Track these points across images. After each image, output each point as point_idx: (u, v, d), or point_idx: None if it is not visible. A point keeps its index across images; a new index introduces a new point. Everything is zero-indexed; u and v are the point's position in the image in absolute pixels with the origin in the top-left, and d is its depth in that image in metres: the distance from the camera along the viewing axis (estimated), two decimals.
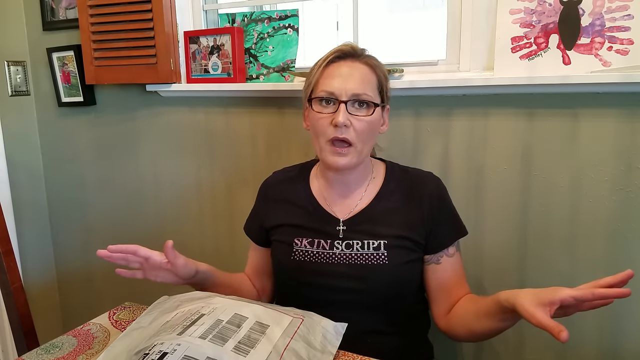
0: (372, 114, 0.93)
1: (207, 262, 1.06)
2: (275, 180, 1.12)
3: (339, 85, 0.92)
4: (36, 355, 0.86)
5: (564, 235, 1.18)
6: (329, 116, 0.93)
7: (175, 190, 1.69)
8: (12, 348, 1.76)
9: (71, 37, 1.72)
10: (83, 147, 1.83)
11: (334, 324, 0.85)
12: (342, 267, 0.96)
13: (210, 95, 1.55)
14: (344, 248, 0.97)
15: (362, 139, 0.93)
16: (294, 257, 0.99)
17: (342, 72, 0.94)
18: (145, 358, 0.70)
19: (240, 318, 0.80)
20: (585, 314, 1.18)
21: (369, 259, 0.95)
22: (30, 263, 1.93)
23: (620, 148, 1.10)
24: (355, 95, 0.92)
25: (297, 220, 1.02)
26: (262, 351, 0.73)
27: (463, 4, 1.23)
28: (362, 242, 0.96)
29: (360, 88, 0.92)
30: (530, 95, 1.16)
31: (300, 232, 1.01)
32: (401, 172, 1.05)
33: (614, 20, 1.05)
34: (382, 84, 0.98)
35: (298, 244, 1.00)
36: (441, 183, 1.04)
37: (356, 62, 0.95)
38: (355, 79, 0.93)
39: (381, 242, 0.96)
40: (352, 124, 0.92)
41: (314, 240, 0.99)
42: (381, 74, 0.98)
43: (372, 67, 0.96)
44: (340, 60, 0.95)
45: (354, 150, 0.94)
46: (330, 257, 0.97)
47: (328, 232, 0.99)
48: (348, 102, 0.92)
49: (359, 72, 0.94)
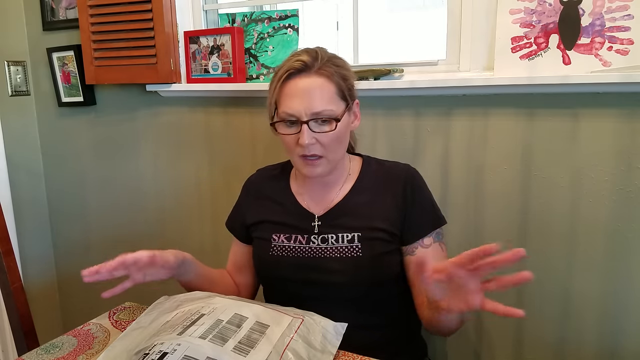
0: (335, 128, 0.92)
1: (207, 262, 1.06)
2: (258, 177, 1.14)
3: (297, 106, 0.91)
4: (36, 355, 0.86)
5: (564, 235, 1.18)
6: (294, 136, 0.94)
7: (175, 190, 1.69)
8: (12, 348, 1.76)
9: (71, 37, 1.72)
10: (83, 147, 1.83)
11: (334, 324, 0.85)
12: (319, 261, 0.98)
13: (210, 95, 1.55)
14: (320, 242, 0.99)
15: (331, 149, 0.95)
16: (272, 252, 1.02)
17: (298, 90, 0.92)
18: (145, 358, 0.70)
19: (240, 318, 0.80)
20: (585, 315, 1.18)
21: (344, 251, 0.97)
22: (30, 263, 1.93)
23: (620, 148, 1.10)
24: (315, 114, 0.91)
25: (276, 217, 1.04)
26: (262, 351, 0.73)
27: (463, 4, 1.23)
28: (336, 236, 0.98)
29: (319, 105, 0.91)
30: (531, 95, 1.16)
31: (278, 228, 1.03)
32: (377, 165, 1.06)
33: (614, 20, 1.05)
34: (343, 87, 0.95)
35: (276, 239, 1.02)
36: (417, 174, 1.03)
37: (311, 76, 0.92)
38: (312, 96, 0.91)
39: (355, 235, 0.97)
40: (318, 140, 0.93)
41: (291, 236, 1.01)
42: (339, 79, 0.95)
43: (328, 76, 0.93)
44: (295, 77, 0.93)
45: (325, 161, 0.95)
46: (307, 251, 0.99)
47: (304, 228, 1.01)
48: (310, 122, 0.91)
49: (316, 87, 0.92)
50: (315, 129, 0.92)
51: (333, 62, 0.96)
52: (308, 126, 0.92)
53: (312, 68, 0.93)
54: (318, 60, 0.93)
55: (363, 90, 1.26)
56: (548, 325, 1.23)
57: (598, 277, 1.17)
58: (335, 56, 0.99)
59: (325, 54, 0.97)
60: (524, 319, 1.25)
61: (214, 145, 1.59)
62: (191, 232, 1.68)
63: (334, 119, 0.92)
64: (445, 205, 1.29)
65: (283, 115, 0.94)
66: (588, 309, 1.18)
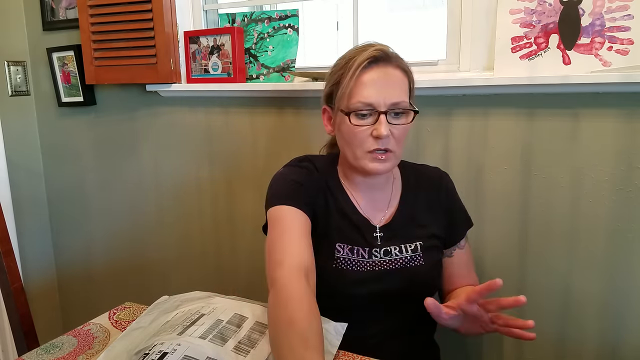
0: (411, 121, 0.91)
1: (207, 262, 1.05)
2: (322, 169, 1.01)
3: (376, 95, 0.87)
4: (36, 355, 0.86)
5: (564, 235, 1.18)
6: (368, 128, 0.89)
7: (175, 190, 1.69)
8: (12, 348, 1.76)
9: (71, 37, 1.72)
10: (83, 147, 1.83)
11: (334, 324, 0.85)
12: (380, 274, 0.94)
13: (210, 95, 1.55)
14: (382, 255, 0.95)
15: (400, 145, 0.92)
16: (336, 265, 0.94)
17: (377, 78, 0.88)
18: (145, 358, 0.70)
19: (240, 318, 0.80)
20: (585, 314, 1.18)
21: (406, 262, 0.95)
22: (30, 263, 1.93)
23: (620, 148, 1.10)
24: (394, 105, 0.88)
25: (340, 224, 0.96)
26: (263, 351, 0.73)
27: (463, 4, 1.23)
28: (399, 247, 0.95)
29: (397, 96, 0.88)
30: (531, 95, 1.16)
31: (342, 238, 0.95)
32: (413, 171, 1.06)
33: (614, 20, 1.05)
34: (411, 85, 0.94)
35: (340, 250, 0.94)
36: (449, 178, 1.07)
37: (389, 66, 0.89)
38: (391, 87, 0.88)
39: (417, 244, 0.97)
40: (392, 133, 0.89)
41: (353, 248, 0.95)
42: (412, 77, 0.94)
43: (405, 71, 0.92)
44: (373, 66, 0.89)
45: (392, 156, 0.91)
46: (369, 264, 0.94)
47: (367, 241, 0.95)
48: (387, 113, 0.88)
49: (394, 79, 0.89)
50: (391, 120, 0.89)
51: (405, 61, 0.94)
52: (386, 117, 0.88)
53: (392, 59, 0.90)
54: (394, 54, 0.92)
55: None
56: (549, 324, 1.23)
57: (598, 277, 1.17)
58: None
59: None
60: (524, 317, 1.25)
61: (214, 145, 1.59)
62: (191, 232, 1.68)
63: (411, 110, 0.90)
64: None
65: (358, 105, 0.88)
66: (588, 309, 1.18)
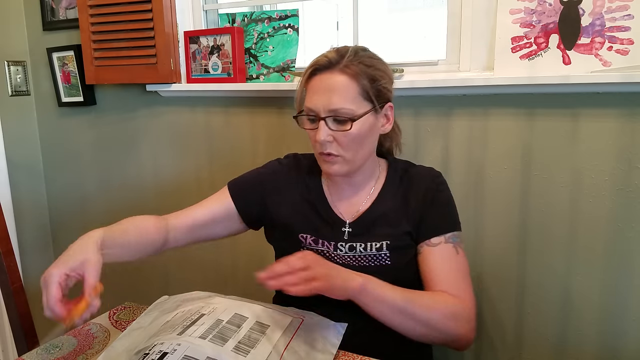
0: (350, 128, 0.91)
1: (207, 262, 1.05)
2: (295, 164, 1.09)
3: (316, 102, 0.92)
4: (36, 355, 0.86)
5: (564, 235, 1.18)
6: (314, 132, 0.94)
7: (175, 190, 1.69)
8: (12, 348, 1.76)
9: (71, 37, 1.72)
10: (83, 147, 1.83)
11: (334, 324, 0.85)
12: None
13: (210, 95, 1.55)
14: (347, 250, 0.97)
15: (349, 149, 0.93)
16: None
17: (320, 86, 0.92)
18: (145, 358, 0.70)
19: (240, 318, 0.80)
20: (585, 314, 1.18)
21: (371, 260, 0.95)
22: (30, 263, 1.93)
23: (620, 148, 1.10)
24: (332, 112, 0.90)
25: (307, 217, 1.01)
26: (263, 351, 0.73)
27: (463, 4, 1.23)
28: (365, 244, 0.96)
29: (337, 103, 0.90)
30: (531, 95, 1.16)
31: (307, 229, 1.00)
32: (403, 170, 1.05)
33: (614, 20, 1.05)
34: (368, 88, 0.92)
35: (303, 241, 1.00)
36: (441, 178, 1.03)
37: (334, 73, 0.91)
38: (332, 93, 0.90)
39: (383, 243, 0.96)
40: (336, 138, 0.92)
41: (318, 240, 0.99)
42: (366, 79, 0.92)
43: (352, 75, 0.91)
44: (318, 74, 0.93)
45: (342, 160, 0.94)
46: (333, 258, 0.97)
47: (334, 235, 0.99)
48: (327, 118, 0.91)
49: (337, 85, 0.91)
50: (332, 126, 0.92)
51: (363, 61, 0.93)
52: (325, 123, 0.91)
53: (337, 65, 0.91)
54: (344, 58, 0.92)
55: None
56: (548, 324, 1.23)
57: (598, 277, 1.17)
58: (370, 56, 0.96)
59: (356, 52, 0.94)
60: (523, 319, 1.25)
61: (214, 145, 1.59)
62: None
63: (349, 119, 0.91)
64: None
65: (306, 110, 0.95)
66: (588, 309, 1.18)
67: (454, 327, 0.88)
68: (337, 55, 0.93)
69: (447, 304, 0.89)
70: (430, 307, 0.87)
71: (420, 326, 0.86)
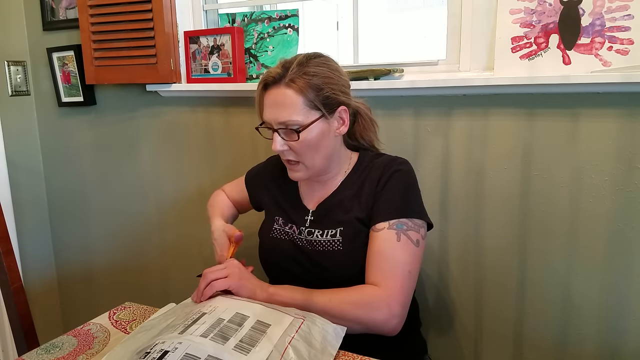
0: (297, 138, 0.97)
1: (206, 261, 1.06)
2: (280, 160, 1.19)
3: (269, 115, 0.99)
4: (36, 355, 0.86)
5: (564, 235, 1.18)
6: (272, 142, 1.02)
7: (175, 190, 1.69)
8: (12, 348, 1.76)
9: (71, 37, 1.72)
10: (83, 147, 1.83)
11: (334, 326, 0.85)
12: (307, 252, 1.03)
13: (210, 95, 1.55)
14: (307, 235, 1.04)
15: (305, 156, 1.00)
16: (273, 234, 1.09)
17: (269, 101, 0.99)
18: (146, 357, 0.70)
19: (242, 317, 0.80)
20: (585, 314, 1.18)
21: (326, 245, 1.01)
22: (30, 263, 1.93)
23: (620, 148, 1.10)
24: (281, 124, 0.97)
25: (281, 201, 1.13)
26: (263, 350, 0.73)
27: (463, 4, 1.23)
28: (322, 231, 1.02)
29: (285, 116, 0.96)
30: (531, 95, 1.17)
31: (280, 212, 1.12)
32: (369, 160, 1.07)
33: (614, 20, 1.06)
34: (313, 98, 0.95)
35: (277, 220, 1.11)
36: (403, 167, 1.01)
37: (280, 87, 0.97)
38: (280, 108, 0.97)
39: (337, 230, 1.01)
40: (290, 147, 0.99)
41: (287, 222, 1.09)
42: (310, 90, 0.95)
43: (296, 88, 0.95)
44: (267, 89, 0.99)
45: (302, 166, 1.01)
46: (298, 240, 1.05)
47: (298, 220, 1.08)
48: (279, 130, 0.98)
49: (284, 99, 0.96)
50: (285, 137, 0.99)
51: (307, 72, 0.96)
52: (279, 134, 0.98)
53: (282, 80, 0.97)
54: (288, 72, 0.96)
55: (363, 90, 1.26)
56: (548, 324, 1.23)
57: (598, 277, 1.17)
58: (317, 64, 0.97)
59: (300, 64, 0.96)
60: (524, 319, 1.25)
61: (214, 145, 1.59)
62: (191, 231, 1.68)
63: (295, 130, 0.96)
64: (446, 205, 1.29)
65: (262, 122, 1.03)
66: (588, 309, 1.19)
67: (364, 314, 0.89)
68: (282, 69, 0.98)
69: (359, 293, 0.92)
70: (332, 299, 0.91)
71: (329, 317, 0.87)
